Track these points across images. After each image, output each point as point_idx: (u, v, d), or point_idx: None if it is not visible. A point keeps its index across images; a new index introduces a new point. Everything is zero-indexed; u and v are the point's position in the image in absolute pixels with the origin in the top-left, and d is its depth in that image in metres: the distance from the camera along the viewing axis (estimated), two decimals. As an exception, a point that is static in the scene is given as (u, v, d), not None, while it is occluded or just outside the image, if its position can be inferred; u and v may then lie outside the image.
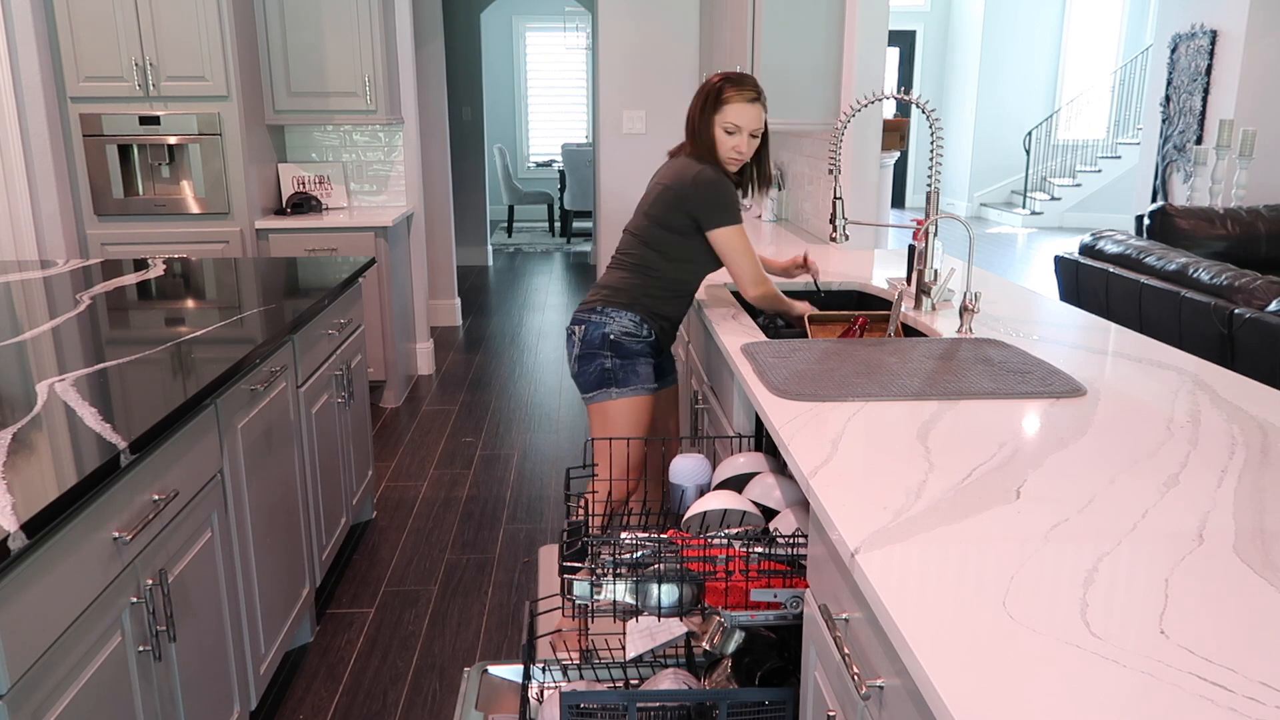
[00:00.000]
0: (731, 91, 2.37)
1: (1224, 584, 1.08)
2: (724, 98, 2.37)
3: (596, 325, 2.45)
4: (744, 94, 2.38)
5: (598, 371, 2.45)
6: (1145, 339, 2.22)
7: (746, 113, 2.38)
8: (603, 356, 2.44)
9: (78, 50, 4.20)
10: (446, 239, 6.33)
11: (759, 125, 2.41)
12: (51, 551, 1.38)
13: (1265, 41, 6.53)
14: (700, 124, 2.42)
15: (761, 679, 1.87)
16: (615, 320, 2.44)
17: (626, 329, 2.44)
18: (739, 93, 2.37)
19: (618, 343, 2.44)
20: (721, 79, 2.41)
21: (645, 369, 2.47)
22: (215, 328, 2.37)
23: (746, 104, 2.38)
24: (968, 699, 0.88)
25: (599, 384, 2.45)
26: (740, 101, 2.37)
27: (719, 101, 2.38)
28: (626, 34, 5.14)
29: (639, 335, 2.46)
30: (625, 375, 2.45)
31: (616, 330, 2.44)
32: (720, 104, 2.38)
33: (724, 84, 2.39)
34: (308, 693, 2.54)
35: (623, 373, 2.45)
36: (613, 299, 2.47)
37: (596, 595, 1.73)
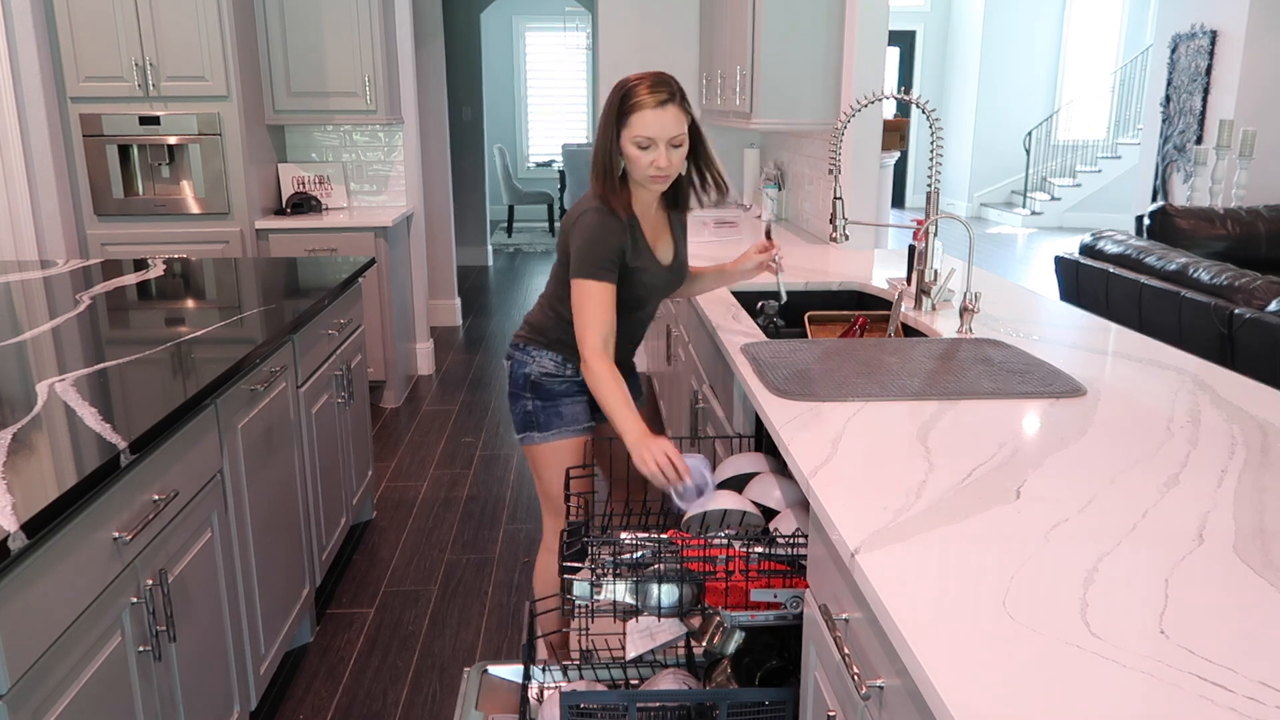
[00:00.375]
0: (640, 95, 1.96)
1: (1224, 584, 1.08)
2: (631, 105, 1.96)
3: (520, 364, 2.25)
4: (655, 96, 1.96)
5: (520, 413, 2.25)
6: (1145, 339, 2.22)
7: (660, 119, 1.96)
8: (525, 398, 2.24)
9: (78, 50, 4.20)
10: (446, 239, 6.33)
11: (679, 132, 1.99)
12: (51, 551, 1.38)
13: (1265, 41, 6.53)
14: (606, 142, 2.01)
15: (761, 679, 1.87)
16: (536, 360, 2.22)
17: (547, 369, 2.21)
18: (649, 95, 1.96)
19: (539, 384, 2.22)
20: (630, 82, 2.00)
21: (572, 409, 2.23)
22: (215, 328, 2.37)
23: (658, 109, 1.96)
24: (968, 699, 0.87)
25: (523, 426, 2.25)
26: (650, 107, 1.96)
27: (625, 110, 1.97)
28: (626, 34, 5.14)
29: (562, 375, 2.22)
30: (547, 418, 2.22)
31: (536, 371, 2.22)
32: (627, 114, 1.97)
33: (632, 87, 1.98)
34: (308, 693, 2.54)
35: (544, 415, 2.22)
36: (534, 336, 2.25)
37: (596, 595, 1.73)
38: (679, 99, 1.99)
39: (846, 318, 2.51)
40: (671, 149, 1.99)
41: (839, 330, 2.50)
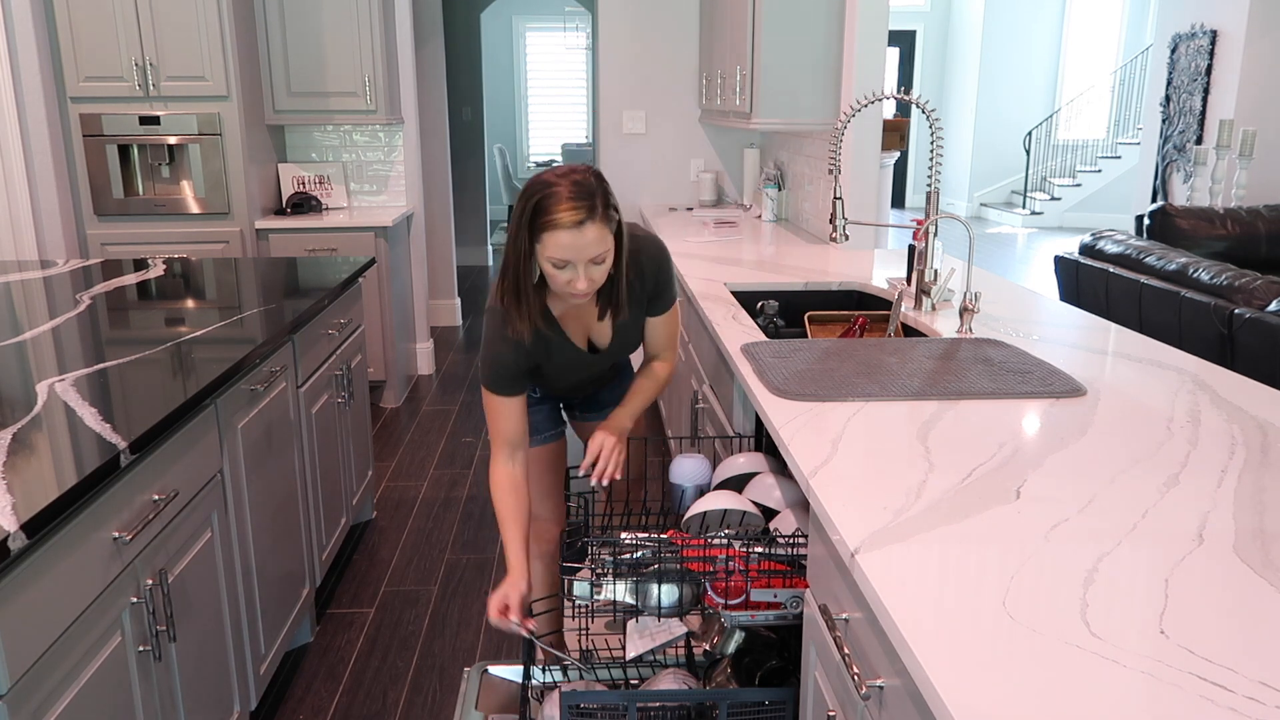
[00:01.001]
0: (556, 213, 1.66)
1: (1224, 584, 1.08)
2: (544, 221, 1.67)
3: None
4: (574, 213, 1.66)
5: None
6: (1145, 339, 2.22)
7: (577, 240, 1.67)
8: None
9: (78, 50, 4.20)
10: (446, 239, 6.33)
11: (602, 249, 1.71)
12: (51, 551, 1.38)
13: (1265, 41, 6.54)
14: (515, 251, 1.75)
15: (761, 679, 1.87)
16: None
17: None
18: (568, 213, 1.66)
19: None
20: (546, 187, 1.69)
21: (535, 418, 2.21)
22: (215, 328, 2.37)
23: (574, 230, 1.66)
24: (968, 699, 0.88)
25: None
26: (567, 226, 1.66)
27: (538, 227, 1.68)
28: (626, 34, 5.14)
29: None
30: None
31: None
32: (540, 232, 1.68)
33: (543, 198, 1.68)
34: (308, 693, 2.54)
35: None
36: None
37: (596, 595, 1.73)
38: (601, 211, 1.69)
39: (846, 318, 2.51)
40: (592, 266, 1.73)
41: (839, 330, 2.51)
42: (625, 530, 2.01)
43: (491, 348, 1.90)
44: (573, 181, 1.69)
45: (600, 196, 1.71)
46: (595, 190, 1.70)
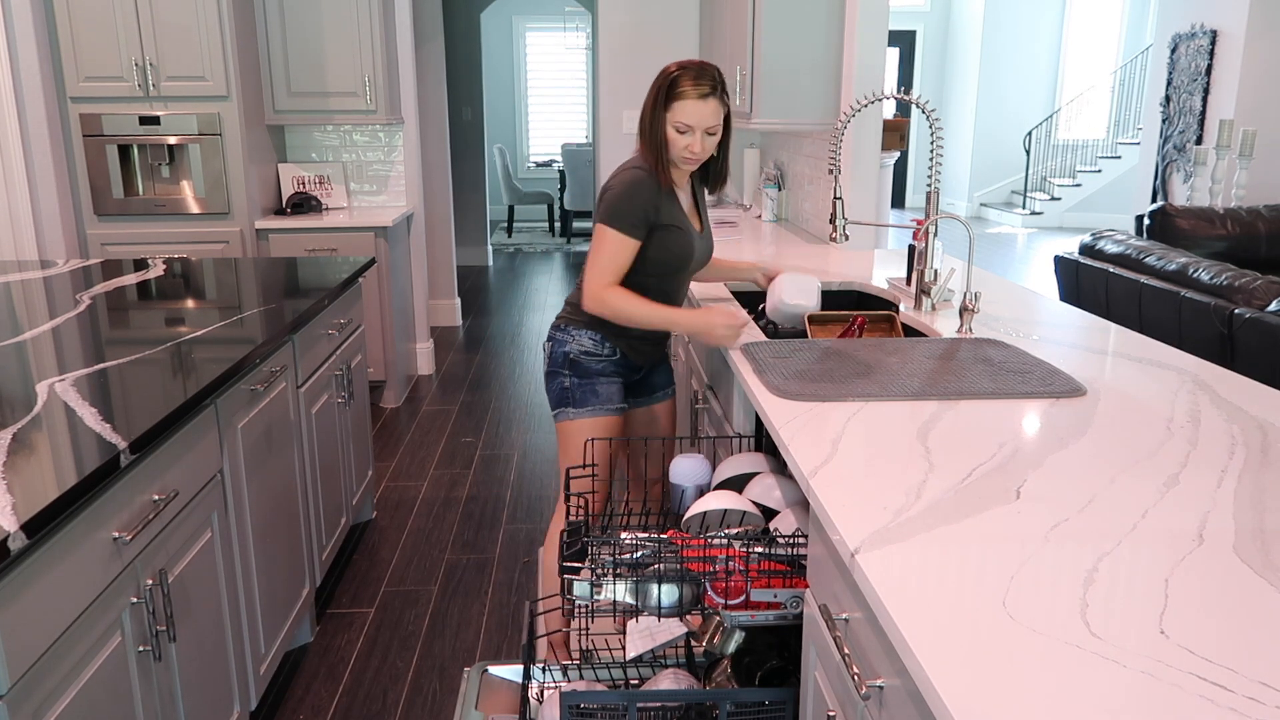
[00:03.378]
0: (685, 86, 2.13)
1: (1224, 584, 1.08)
2: (676, 93, 2.13)
3: (560, 343, 2.35)
4: (699, 89, 2.13)
5: (558, 389, 2.35)
6: (1145, 339, 2.22)
7: (700, 110, 2.14)
8: (563, 375, 2.34)
9: (78, 50, 4.20)
10: (446, 239, 6.33)
11: (716, 123, 2.17)
12: (51, 551, 1.38)
13: (1265, 41, 6.53)
14: (651, 121, 2.19)
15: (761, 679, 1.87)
16: (575, 339, 2.33)
17: (586, 348, 2.32)
18: (693, 87, 2.13)
19: (577, 362, 2.32)
20: (677, 70, 2.16)
21: (608, 389, 2.34)
22: (215, 328, 2.37)
23: (699, 100, 2.13)
24: (968, 699, 0.88)
25: (559, 402, 2.35)
26: (694, 98, 2.13)
27: (670, 97, 2.14)
28: (626, 34, 5.14)
29: (599, 354, 2.32)
30: (583, 395, 2.33)
31: (576, 349, 2.32)
32: (671, 100, 2.14)
33: (678, 76, 2.14)
34: (308, 693, 2.54)
35: (580, 392, 2.33)
36: (574, 316, 2.35)
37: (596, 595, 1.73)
38: (720, 91, 2.14)
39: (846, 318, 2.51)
40: (706, 136, 2.16)
41: (839, 330, 2.51)
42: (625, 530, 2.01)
43: (625, 189, 2.19)
44: (699, 65, 2.16)
45: (720, 82, 2.16)
46: (717, 76, 2.16)
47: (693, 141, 2.16)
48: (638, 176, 2.21)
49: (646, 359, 2.43)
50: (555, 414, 2.38)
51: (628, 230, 2.18)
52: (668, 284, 2.31)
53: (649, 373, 2.49)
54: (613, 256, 2.20)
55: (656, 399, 2.53)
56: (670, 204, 2.24)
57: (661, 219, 2.22)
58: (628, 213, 2.18)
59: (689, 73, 2.14)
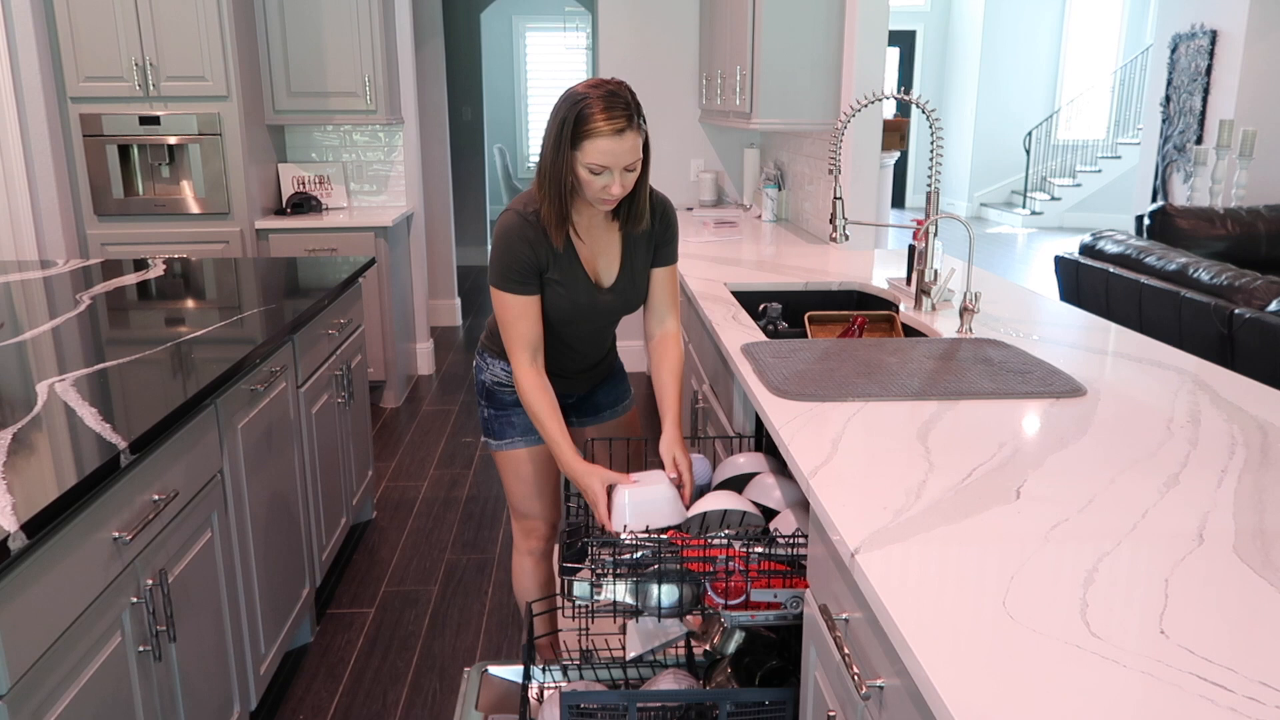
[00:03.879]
0: (597, 121, 1.78)
1: (1224, 584, 1.08)
2: (585, 130, 1.79)
3: (478, 370, 2.23)
4: (613, 122, 1.78)
5: (481, 419, 2.26)
6: (1145, 339, 2.22)
7: (616, 148, 1.80)
8: (482, 404, 2.24)
9: (78, 50, 4.20)
10: (446, 239, 6.33)
11: (635, 158, 1.84)
12: (51, 551, 1.38)
13: (1265, 41, 6.54)
14: (553, 161, 1.85)
15: (761, 679, 1.88)
16: (490, 368, 2.19)
17: (499, 379, 2.18)
18: (606, 121, 1.78)
19: (492, 392, 2.20)
20: (583, 97, 1.80)
21: (524, 419, 2.18)
22: (215, 328, 2.37)
23: (614, 137, 1.79)
24: (968, 699, 0.88)
25: (483, 432, 2.26)
26: (608, 134, 1.78)
27: (579, 135, 1.80)
28: (626, 34, 5.14)
29: (512, 386, 2.16)
30: (500, 427, 2.20)
31: (490, 379, 2.20)
32: (581, 139, 1.80)
33: (585, 108, 1.79)
34: (308, 693, 2.54)
35: (497, 425, 2.20)
36: (488, 344, 2.20)
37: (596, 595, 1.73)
38: (636, 120, 1.82)
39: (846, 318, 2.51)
40: (626, 173, 1.85)
41: (839, 330, 2.50)
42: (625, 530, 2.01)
43: (509, 248, 1.94)
44: (608, 92, 1.82)
45: (634, 107, 1.84)
46: (630, 101, 1.83)
47: (610, 183, 1.84)
48: (511, 226, 1.95)
49: (573, 388, 2.24)
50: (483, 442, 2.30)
51: (516, 288, 1.95)
52: (566, 333, 2.09)
53: (589, 394, 2.30)
54: (515, 320, 1.97)
55: (605, 418, 2.33)
56: (550, 254, 1.97)
57: (545, 271, 1.98)
58: (510, 270, 1.94)
59: (597, 101, 1.79)
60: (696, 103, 5.23)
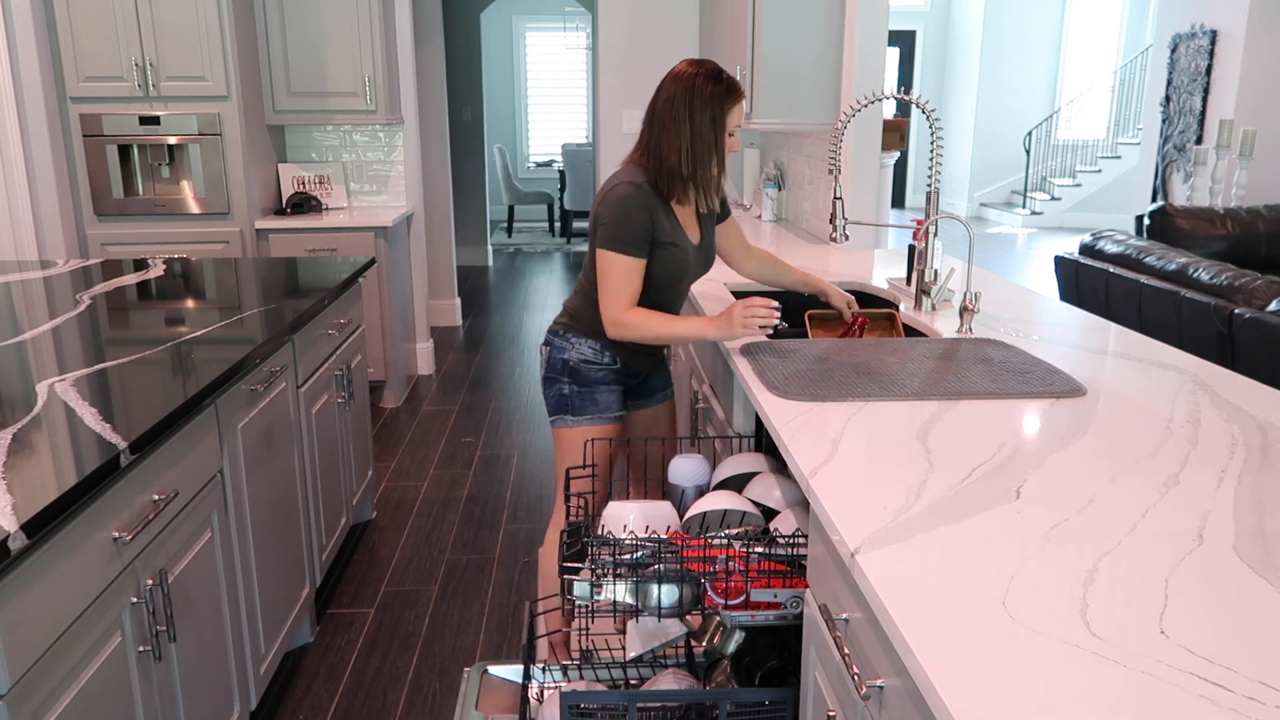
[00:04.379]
0: (737, 92, 2.17)
1: (1224, 584, 1.08)
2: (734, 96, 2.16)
3: (559, 349, 2.33)
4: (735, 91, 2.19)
5: (556, 396, 2.34)
6: (1145, 339, 2.22)
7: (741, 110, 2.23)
8: (562, 382, 2.32)
9: (78, 50, 4.20)
10: (446, 239, 6.33)
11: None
12: (51, 551, 1.38)
13: (1265, 41, 6.53)
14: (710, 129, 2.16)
15: (761, 679, 1.87)
16: (575, 347, 2.31)
17: (586, 356, 2.30)
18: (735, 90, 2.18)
19: (576, 370, 2.31)
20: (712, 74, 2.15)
21: (607, 397, 2.33)
22: (215, 328, 2.37)
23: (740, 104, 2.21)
24: (968, 699, 0.87)
25: (557, 409, 2.34)
26: (738, 102, 2.19)
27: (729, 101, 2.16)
28: (626, 34, 5.14)
29: (599, 363, 2.31)
30: (582, 403, 2.31)
31: (575, 357, 2.31)
32: (731, 105, 2.16)
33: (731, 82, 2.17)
34: (308, 693, 2.54)
35: (579, 400, 2.31)
36: (573, 325, 2.34)
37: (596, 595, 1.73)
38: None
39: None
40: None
41: (839, 330, 2.51)
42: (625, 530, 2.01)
43: (622, 207, 2.15)
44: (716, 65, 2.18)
45: None
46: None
47: (736, 140, 2.22)
48: (629, 194, 2.16)
49: (646, 366, 2.42)
50: (553, 420, 2.36)
51: (631, 251, 2.15)
52: (663, 297, 2.27)
53: (648, 377, 2.48)
54: (623, 280, 2.16)
55: (656, 401, 2.52)
56: (668, 218, 2.21)
57: (659, 235, 2.19)
58: (627, 234, 2.15)
59: (722, 75, 2.16)
60: (696, 103, 5.22)
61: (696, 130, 2.14)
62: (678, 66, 2.18)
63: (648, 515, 1.83)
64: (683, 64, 2.17)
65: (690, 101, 2.13)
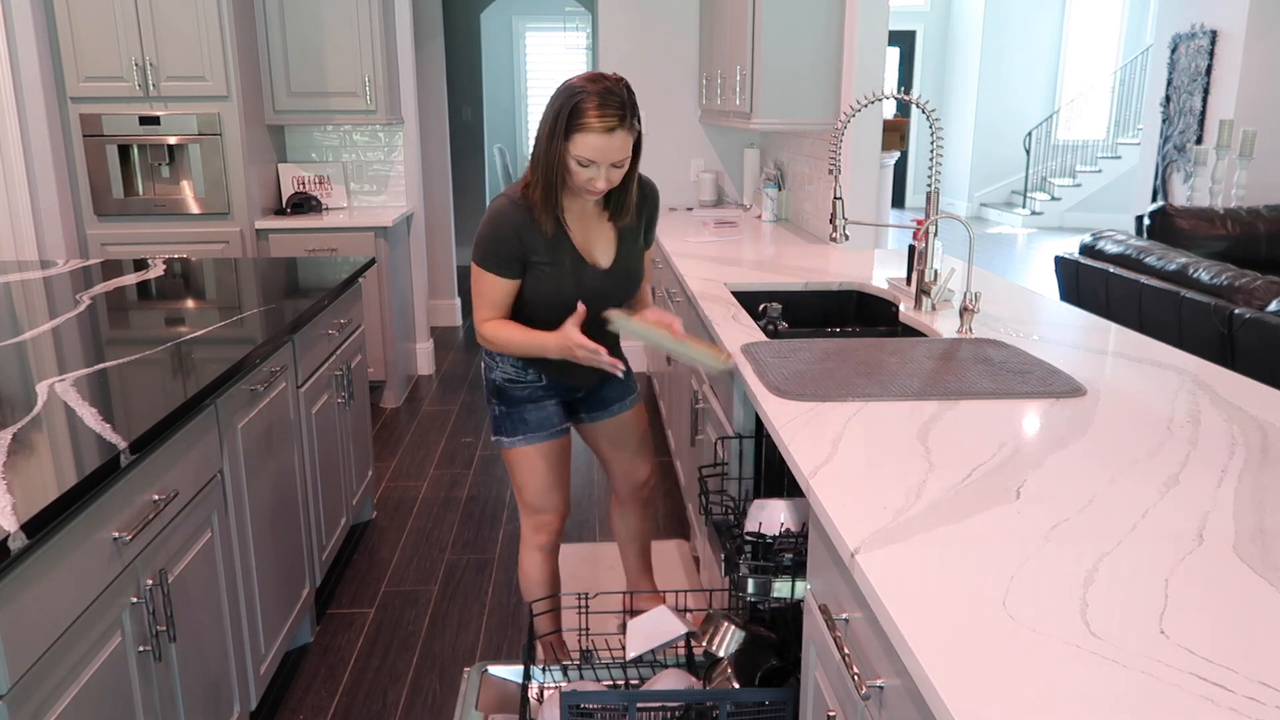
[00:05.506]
0: (589, 116, 1.86)
1: (1224, 584, 1.08)
2: (578, 124, 1.87)
3: (488, 369, 2.25)
4: (604, 120, 1.87)
5: (491, 417, 2.28)
6: (1145, 339, 2.22)
7: (606, 145, 1.89)
8: (493, 403, 2.26)
9: (78, 50, 4.20)
10: (446, 239, 6.33)
11: (623, 155, 1.93)
12: (51, 551, 1.38)
13: (1265, 41, 6.54)
14: (547, 149, 1.93)
15: (761, 679, 1.87)
16: (499, 366, 2.21)
17: (509, 375, 2.21)
18: (598, 118, 1.86)
19: (502, 390, 2.22)
20: (580, 91, 1.88)
21: (539, 414, 2.23)
22: (215, 328, 2.37)
23: (604, 135, 1.87)
24: (968, 699, 0.88)
25: (494, 430, 2.28)
26: (598, 131, 1.87)
27: (571, 127, 1.88)
28: (626, 34, 5.14)
29: (522, 380, 2.21)
30: (511, 425, 2.23)
31: (500, 377, 2.22)
32: (572, 131, 1.88)
33: (580, 102, 1.87)
34: (308, 693, 2.54)
35: (509, 422, 2.23)
36: None
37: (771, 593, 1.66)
38: (628, 120, 1.90)
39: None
40: (612, 169, 1.94)
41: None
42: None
43: (495, 232, 2.03)
44: (604, 88, 1.89)
45: (629, 105, 1.91)
46: (625, 100, 1.90)
47: (596, 176, 1.94)
48: (501, 211, 2.03)
49: (582, 379, 2.26)
50: (493, 440, 2.30)
51: (488, 266, 2.04)
52: (544, 316, 2.11)
53: (597, 388, 2.35)
54: (482, 293, 2.08)
55: (614, 412, 2.38)
56: (538, 239, 2.04)
57: (528, 254, 2.05)
58: (488, 249, 2.03)
59: (592, 98, 1.87)
60: (696, 103, 5.23)
61: (543, 153, 1.95)
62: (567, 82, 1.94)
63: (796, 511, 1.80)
64: (575, 77, 1.94)
65: (547, 120, 1.94)
